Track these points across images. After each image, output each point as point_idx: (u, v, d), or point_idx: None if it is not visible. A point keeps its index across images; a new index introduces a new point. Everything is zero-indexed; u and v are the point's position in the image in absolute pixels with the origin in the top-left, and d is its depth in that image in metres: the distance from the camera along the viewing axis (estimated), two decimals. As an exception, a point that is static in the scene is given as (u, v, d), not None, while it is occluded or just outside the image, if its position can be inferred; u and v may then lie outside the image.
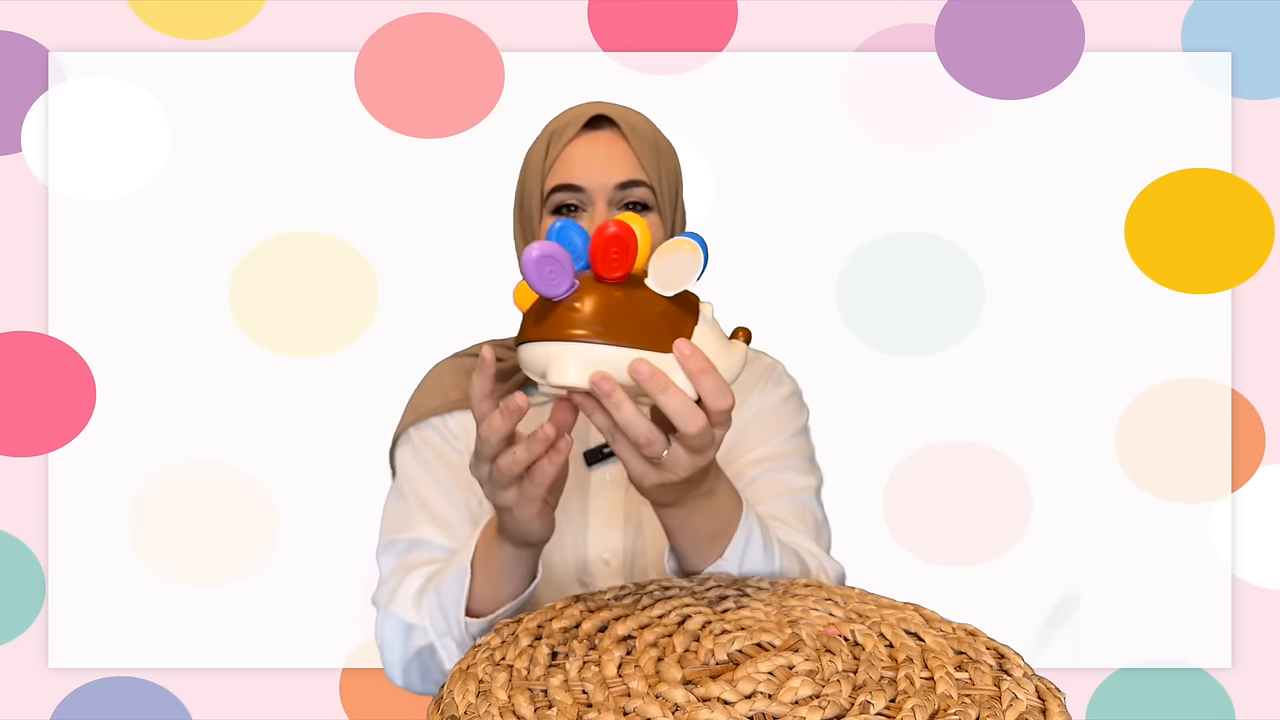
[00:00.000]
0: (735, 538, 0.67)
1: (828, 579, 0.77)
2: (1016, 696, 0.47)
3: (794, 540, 0.78)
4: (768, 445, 0.86)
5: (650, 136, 0.83)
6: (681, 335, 0.54)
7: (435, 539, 0.81)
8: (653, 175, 0.81)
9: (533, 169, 0.83)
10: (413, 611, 0.74)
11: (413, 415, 0.88)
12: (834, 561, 0.80)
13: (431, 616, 0.73)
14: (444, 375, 0.90)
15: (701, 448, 0.55)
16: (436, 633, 0.73)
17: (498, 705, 0.49)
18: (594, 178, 0.79)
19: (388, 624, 0.76)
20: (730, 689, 0.47)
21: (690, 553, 0.67)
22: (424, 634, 0.74)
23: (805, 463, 0.87)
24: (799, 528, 0.81)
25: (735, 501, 0.67)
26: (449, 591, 0.72)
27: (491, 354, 0.56)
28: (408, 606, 0.75)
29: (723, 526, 0.66)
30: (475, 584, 0.70)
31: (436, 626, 0.73)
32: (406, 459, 0.87)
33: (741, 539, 0.67)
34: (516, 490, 0.60)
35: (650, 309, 0.54)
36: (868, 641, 0.53)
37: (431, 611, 0.73)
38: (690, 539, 0.66)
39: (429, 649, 0.74)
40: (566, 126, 0.81)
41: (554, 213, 0.81)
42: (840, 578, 0.80)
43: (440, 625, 0.73)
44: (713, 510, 0.65)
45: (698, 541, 0.66)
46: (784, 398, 0.90)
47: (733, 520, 0.67)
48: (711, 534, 0.66)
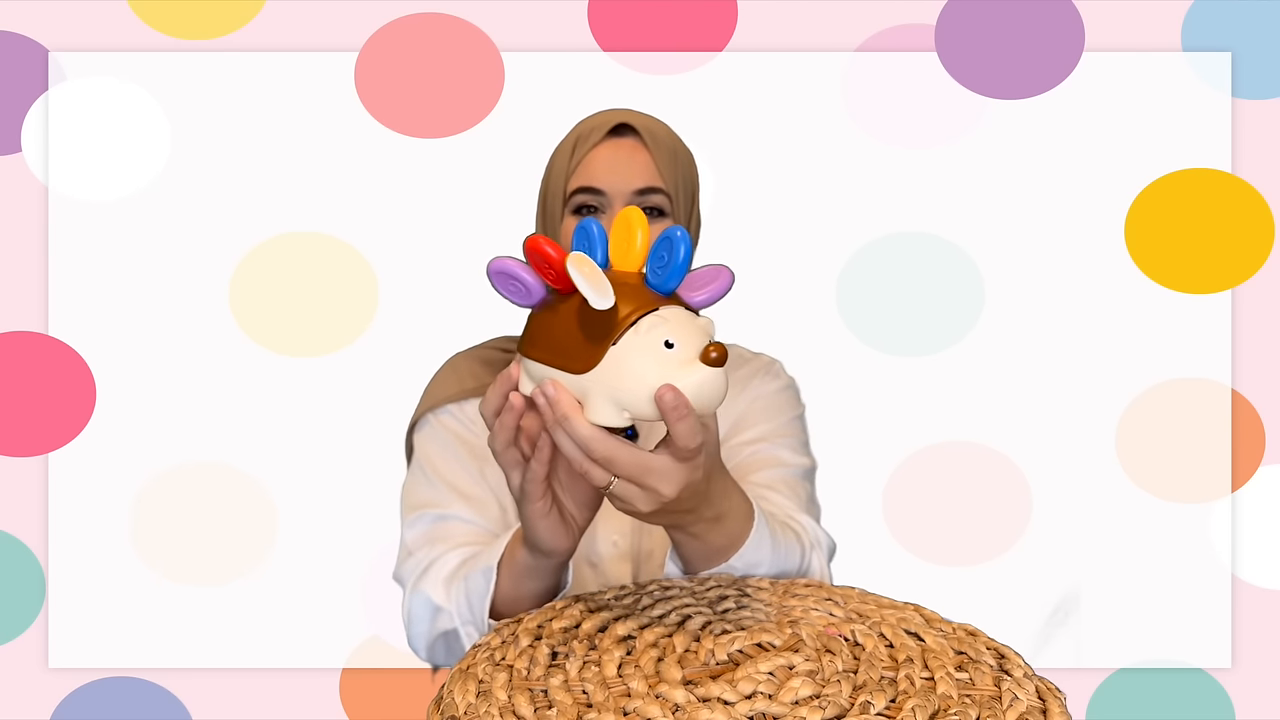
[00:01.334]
0: (743, 550, 0.67)
1: (821, 553, 0.77)
2: (1017, 697, 0.47)
3: (788, 515, 0.79)
4: (763, 426, 0.89)
5: (670, 145, 0.86)
6: (601, 349, 0.49)
7: (463, 513, 0.83)
8: (670, 183, 0.84)
9: (557, 170, 0.86)
10: (442, 594, 0.76)
11: (430, 401, 0.91)
12: (826, 534, 0.81)
13: (458, 605, 0.74)
14: (460, 364, 0.93)
15: (631, 484, 0.52)
16: (461, 620, 0.74)
17: (498, 705, 0.49)
18: (614, 182, 0.83)
19: (416, 600, 0.77)
20: (730, 689, 0.47)
21: (695, 561, 0.68)
22: (450, 619, 0.75)
23: (799, 444, 0.90)
24: (790, 496, 0.83)
25: (746, 518, 0.66)
26: (475, 588, 0.72)
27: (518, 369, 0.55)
28: (438, 588, 0.76)
29: (730, 542, 0.66)
30: (500, 585, 0.71)
31: (462, 615, 0.74)
32: (426, 442, 0.89)
33: (750, 550, 0.67)
34: (520, 473, 0.59)
35: (569, 324, 0.50)
36: (868, 641, 0.53)
37: (459, 601, 0.74)
38: (696, 552, 0.66)
39: (454, 633, 0.75)
40: (592, 132, 0.85)
41: (575, 213, 0.84)
42: (831, 549, 0.81)
43: (466, 615, 0.74)
44: (720, 531, 0.65)
45: (705, 554, 0.66)
46: (780, 388, 0.93)
47: (741, 536, 0.66)
48: (719, 549, 0.66)
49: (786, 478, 0.85)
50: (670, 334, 0.48)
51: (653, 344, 0.48)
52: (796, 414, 0.93)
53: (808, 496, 0.86)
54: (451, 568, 0.78)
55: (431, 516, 0.84)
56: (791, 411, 0.92)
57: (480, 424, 0.89)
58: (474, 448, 0.88)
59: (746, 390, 0.91)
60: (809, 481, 0.88)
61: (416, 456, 0.89)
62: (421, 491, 0.86)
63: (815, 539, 0.78)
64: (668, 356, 0.48)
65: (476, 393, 0.89)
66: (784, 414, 0.91)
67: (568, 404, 0.50)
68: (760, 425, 0.89)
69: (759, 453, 0.87)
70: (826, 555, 0.79)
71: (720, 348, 0.48)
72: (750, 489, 0.82)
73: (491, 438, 0.58)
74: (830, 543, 0.81)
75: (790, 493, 0.83)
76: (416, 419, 0.91)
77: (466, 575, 0.74)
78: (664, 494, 0.52)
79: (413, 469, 0.89)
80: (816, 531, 0.79)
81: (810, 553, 0.75)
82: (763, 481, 0.84)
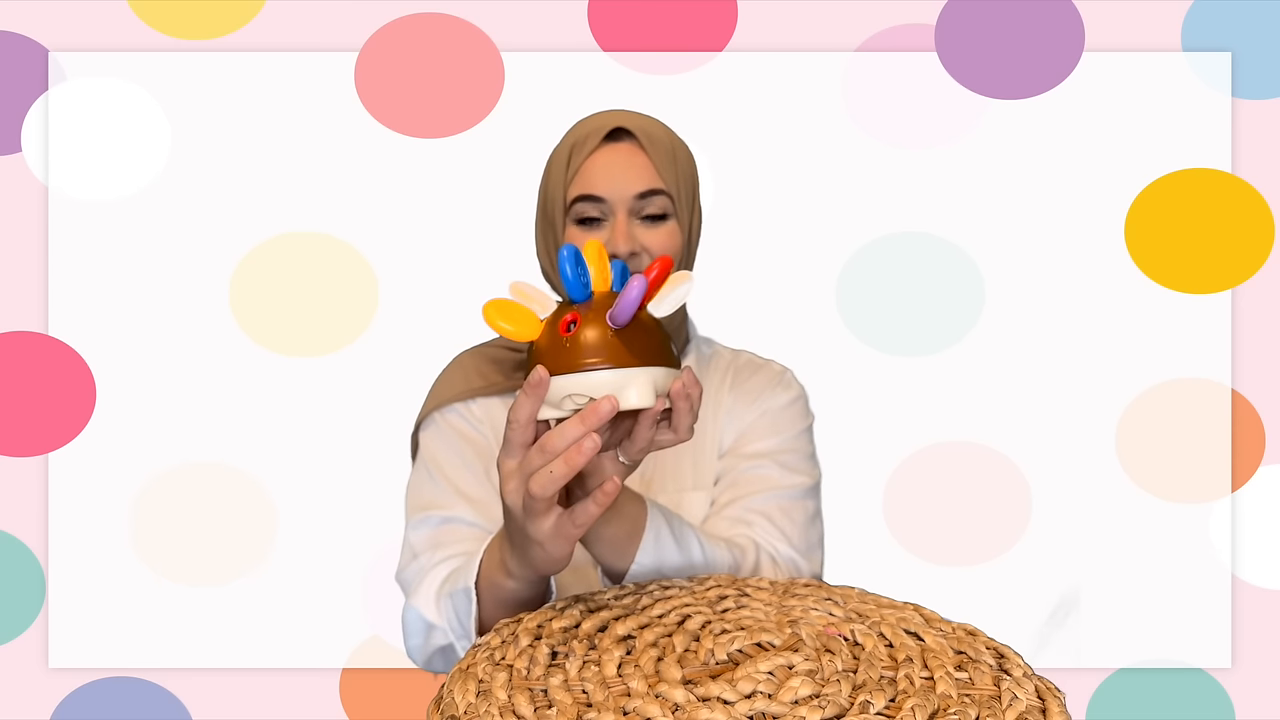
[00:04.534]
0: (645, 537, 0.70)
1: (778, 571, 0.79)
2: (1016, 696, 0.47)
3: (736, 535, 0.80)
4: (769, 441, 0.88)
5: (668, 145, 0.85)
6: None
7: (467, 515, 0.84)
8: (670, 184, 0.84)
9: (555, 179, 0.85)
10: (433, 610, 0.76)
11: (436, 400, 0.90)
12: (807, 561, 0.82)
13: (449, 621, 0.75)
14: (467, 362, 0.93)
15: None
16: (455, 636, 0.74)
17: (498, 705, 0.49)
18: (614, 189, 0.82)
19: (409, 616, 0.78)
20: (730, 689, 0.47)
21: (609, 557, 0.70)
22: (444, 635, 0.75)
23: (803, 460, 0.89)
24: (782, 523, 0.83)
25: (638, 500, 0.70)
26: (460, 605, 0.73)
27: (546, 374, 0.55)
28: (430, 604, 0.76)
29: (633, 526, 0.69)
30: (483, 607, 0.71)
31: (455, 630, 0.74)
32: (431, 441, 0.88)
33: (651, 537, 0.70)
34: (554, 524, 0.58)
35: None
36: (868, 641, 0.53)
37: (449, 616, 0.74)
38: (607, 545, 0.69)
39: (449, 647, 0.76)
40: (587, 138, 0.84)
41: (577, 222, 0.84)
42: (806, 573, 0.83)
43: (458, 630, 0.74)
44: (618, 513, 0.68)
45: (614, 545, 0.69)
46: (790, 400, 0.92)
47: (640, 519, 0.70)
48: (626, 534, 0.69)
49: (783, 503, 0.84)
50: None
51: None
52: (805, 426, 0.92)
53: (806, 518, 0.85)
54: (440, 580, 0.78)
55: (437, 519, 0.84)
56: (800, 425, 0.91)
57: (487, 423, 0.89)
58: (480, 447, 0.88)
59: (758, 402, 0.91)
60: (810, 499, 0.87)
61: (422, 455, 0.89)
62: (426, 492, 0.86)
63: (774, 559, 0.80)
64: None
65: (483, 391, 0.89)
66: (792, 428, 0.90)
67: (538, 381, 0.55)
68: (767, 439, 0.88)
69: (760, 470, 0.86)
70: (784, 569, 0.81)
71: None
72: (738, 512, 0.84)
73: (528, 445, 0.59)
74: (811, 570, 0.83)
75: (785, 519, 0.83)
76: (423, 417, 0.91)
77: (451, 592, 0.74)
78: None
79: (418, 468, 0.89)
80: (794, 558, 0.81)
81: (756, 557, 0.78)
82: (756, 507, 0.83)
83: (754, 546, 0.79)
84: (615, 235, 0.81)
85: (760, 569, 0.78)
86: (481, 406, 0.89)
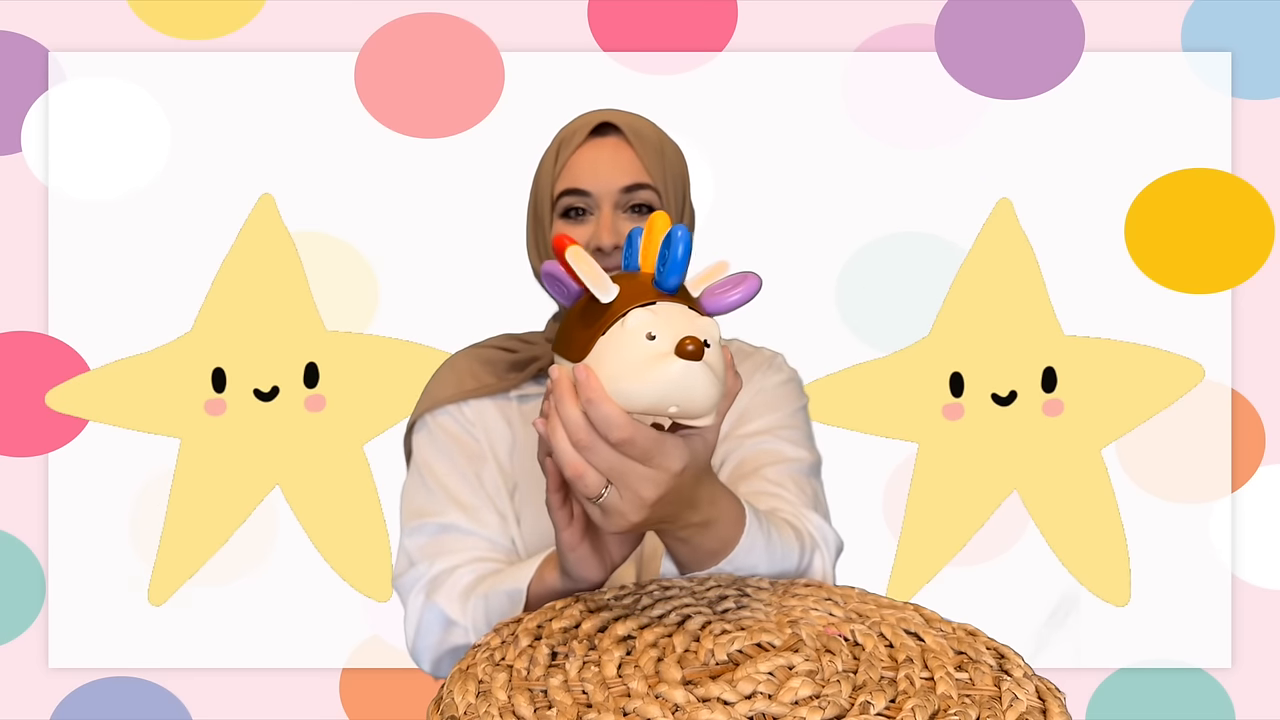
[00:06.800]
0: (734, 554, 0.66)
1: (827, 551, 0.77)
2: (1016, 697, 0.46)
3: (792, 514, 0.77)
4: (767, 418, 0.88)
5: (655, 140, 0.85)
6: (594, 339, 0.50)
7: (463, 523, 0.83)
8: (657, 178, 0.83)
9: (544, 175, 0.86)
10: (457, 609, 0.75)
11: (429, 402, 0.90)
12: (835, 533, 0.80)
13: (475, 620, 0.74)
14: (460, 364, 0.92)
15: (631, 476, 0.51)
16: (478, 635, 0.73)
17: (498, 705, 0.49)
18: (599, 182, 0.82)
19: (429, 613, 0.77)
20: (730, 689, 0.47)
21: (688, 565, 0.67)
22: (464, 633, 0.75)
23: (803, 438, 0.89)
24: (796, 494, 0.81)
25: (736, 522, 0.65)
26: (498, 606, 0.72)
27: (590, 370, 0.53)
28: (453, 602, 0.76)
29: (721, 545, 0.65)
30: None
31: (479, 630, 0.74)
32: (424, 445, 0.88)
33: (742, 555, 0.66)
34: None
35: (574, 315, 0.53)
36: (868, 641, 0.53)
37: (476, 616, 0.74)
38: (688, 556, 0.66)
39: (466, 647, 0.75)
40: (574, 134, 0.85)
41: (563, 215, 0.84)
42: (839, 548, 0.81)
43: (484, 631, 0.73)
44: (710, 535, 0.64)
45: (697, 558, 0.66)
46: (783, 381, 0.93)
47: (731, 541, 0.65)
48: (710, 552, 0.65)
49: (794, 474, 0.84)
50: (655, 327, 0.48)
51: (635, 335, 0.48)
52: (799, 406, 0.92)
53: (814, 494, 0.85)
54: (467, 583, 0.77)
55: (433, 527, 0.83)
56: (795, 404, 0.92)
57: (480, 425, 0.89)
58: (471, 451, 0.87)
59: (750, 384, 0.91)
60: (814, 478, 0.88)
61: (415, 460, 0.89)
62: (420, 498, 0.86)
63: (822, 539, 0.77)
64: (646, 348, 0.48)
65: (476, 393, 0.89)
66: (787, 406, 0.90)
67: (595, 387, 0.49)
68: (764, 418, 0.88)
69: (763, 445, 0.86)
70: (833, 555, 0.78)
71: (695, 341, 0.46)
72: (760, 484, 0.82)
73: None
74: (838, 542, 0.81)
75: (798, 490, 0.82)
76: (415, 420, 0.90)
77: (487, 594, 0.73)
78: (670, 468, 0.52)
79: (411, 473, 0.89)
80: (825, 531, 0.78)
81: (811, 554, 0.74)
82: (772, 478, 0.83)
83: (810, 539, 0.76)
84: (600, 228, 0.81)
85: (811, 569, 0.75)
86: (474, 408, 0.89)
